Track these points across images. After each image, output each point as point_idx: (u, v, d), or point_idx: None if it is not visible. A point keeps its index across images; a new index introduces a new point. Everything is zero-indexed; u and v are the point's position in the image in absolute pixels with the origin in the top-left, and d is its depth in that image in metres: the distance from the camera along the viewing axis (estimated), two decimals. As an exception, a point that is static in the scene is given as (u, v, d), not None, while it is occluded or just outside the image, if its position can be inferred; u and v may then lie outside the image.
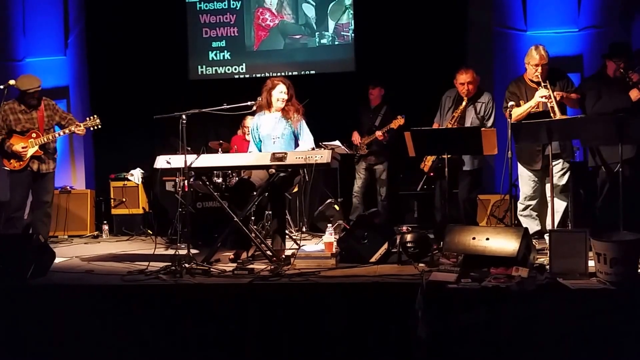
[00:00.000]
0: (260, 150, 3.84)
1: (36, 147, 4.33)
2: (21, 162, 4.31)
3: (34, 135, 4.33)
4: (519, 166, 3.96)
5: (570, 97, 3.74)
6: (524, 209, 3.99)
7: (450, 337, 2.50)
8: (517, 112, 3.71)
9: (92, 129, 4.47)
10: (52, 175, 4.50)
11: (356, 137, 5.26)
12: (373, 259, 3.40)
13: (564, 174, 3.86)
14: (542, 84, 3.63)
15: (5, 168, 4.37)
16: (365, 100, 5.37)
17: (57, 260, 3.55)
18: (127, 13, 6.18)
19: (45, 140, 4.35)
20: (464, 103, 4.00)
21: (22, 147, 4.29)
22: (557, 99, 3.59)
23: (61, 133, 4.42)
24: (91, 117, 4.47)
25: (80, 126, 4.41)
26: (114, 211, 5.74)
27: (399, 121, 4.88)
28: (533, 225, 3.96)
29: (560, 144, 3.72)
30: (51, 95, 6.29)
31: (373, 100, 5.32)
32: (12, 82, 4.22)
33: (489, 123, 4.02)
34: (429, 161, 4.20)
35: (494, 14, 5.76)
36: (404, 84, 5.58)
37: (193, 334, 2.79)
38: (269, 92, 3.74)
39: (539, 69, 3.67)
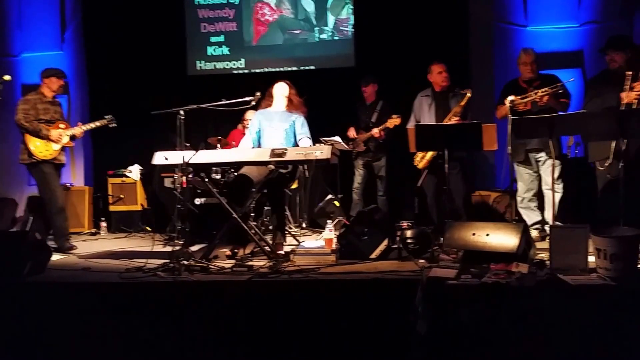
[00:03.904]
0: (259, 143, 3.87)
1: (68, 138, 4.29)
2: (52, 152, 4.20)
3: (62, 126, 4.27)
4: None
5: (559, 102, 3.83)
6: (522, 201, 4.09)
7: (450, 333, 2.49)
8: (500, 111, 3.96)
9: (110, 126, 4.48)
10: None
11: (352, 132, 5.24)
12: (373, 255, 3.39)
13: (554, 170, 3.89)
14: (529, 88, 3.81)
15: (35, 159, 4.17)
16: (361, 96, 5.35)
17: (54, 257, 3.54)
18: (124, 7, 6.14)
19: (74, 131, 4.30)
20: (468, 94, 4.05)
21: (59, 135, 4.22)
22: (520, 102, 3.74)
23: (92, 125, 4.39)
24: (106, 116, 4.49)
25: (104, 120, 4.45)
26: (112, 208, 5.71)
27: (395, 121, 4.86)
28: (533, 216, 4.06)
29: (542, 140, 3.83)
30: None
31: (368, 97, 5.30)
32: (7, 77, 4.18)
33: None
34: (421, 158, 4.20)
35: (495, 9, 5.74)
36: (403, 79, 5.55)
37: (191, 332, 2.78)
38: (270, 92, 3.87)
39: (527, 67, 3.90)
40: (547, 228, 3.92)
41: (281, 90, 3.84)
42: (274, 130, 3.80)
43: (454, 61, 4.21)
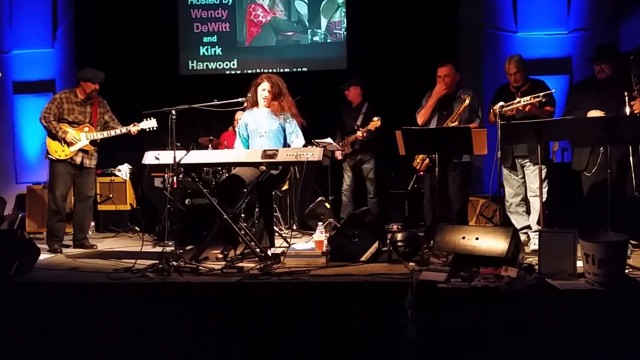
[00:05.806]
0: (247, 147, 3.83)
1: (87, 141, 4.26)
2: (67, 153, 4.21)
3: (86, 129, 4.26)
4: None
5: (543, 111, 3.84)
6: (510, 206, 4.14)
7: (440, 337, 2.50)
8: (491, 116, 3.97)
9: (148, 129, 4.39)
10: (94, 171, 4.47)
11: (338, 154, 5.24)
12: (363, 258, 3.40)
13: (537, 176, 3.94)
14: (516, 93, 3.86)
15: (51, 157, 4.23)
16: (347, 100, 5.36)
17: (42, 256, 3.49)
18: (117, 6, 6.10)
19: (99, 136, 4.30)
20: (467, 101, 4.02)
21: (75, 137, 4.21)
22: (507, 110, 3.73)
23: (118, 131, 4.34)
24: (149, 118, 4.38)
25: (136, 125, 4.35)
26: (100, 207, 5.65)
27: (376, 123, 4.89)
28: (522, 221, 4.09)
29: (528, 146, 3.87)
30: (37, 88, 6.22)
31: (352, 100, 5.32)
32: None
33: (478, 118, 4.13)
34: (421, 160, 4.21)
35: (485, 15, 5.81)
36: (394, 82, 5.58)
37: (180, 333, 2.76)
38: (255, 89, 3.78)
39: (512, 77, 3.93)
40: (530, 234, 3.98)
41: (262, 91, 3.75)
42: (260, 132, 3.75)
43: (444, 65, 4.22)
